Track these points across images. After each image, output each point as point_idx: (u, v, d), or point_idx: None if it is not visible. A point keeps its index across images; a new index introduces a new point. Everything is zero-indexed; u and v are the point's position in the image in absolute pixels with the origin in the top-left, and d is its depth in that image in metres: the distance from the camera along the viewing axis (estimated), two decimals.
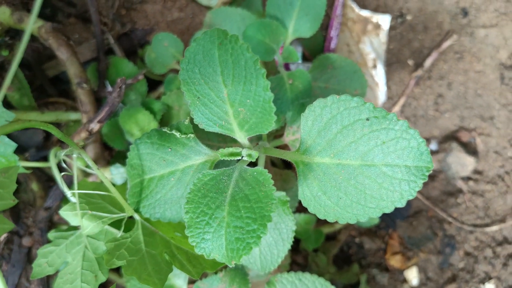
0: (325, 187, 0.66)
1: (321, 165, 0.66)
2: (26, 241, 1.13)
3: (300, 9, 0.99)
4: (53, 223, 1.16)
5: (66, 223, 1.19)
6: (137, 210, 0.76)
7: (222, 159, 0.66)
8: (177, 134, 0.74)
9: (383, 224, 1.34)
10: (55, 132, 0.61)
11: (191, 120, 0.76)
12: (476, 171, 1.33)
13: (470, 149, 1.33)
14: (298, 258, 1.26)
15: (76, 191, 0.73)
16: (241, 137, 0.62)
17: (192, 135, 0.73)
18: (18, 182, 1.18)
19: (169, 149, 0.74)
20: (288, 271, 0.91)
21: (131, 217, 0.81)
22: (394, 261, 1.30)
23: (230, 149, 0.64)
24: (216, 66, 0.56)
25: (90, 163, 0.70)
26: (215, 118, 0.60)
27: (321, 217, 0.68)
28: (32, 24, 1.02)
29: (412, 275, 1.30)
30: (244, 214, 0.57)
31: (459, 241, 1.33)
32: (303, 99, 0.95)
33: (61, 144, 1.20)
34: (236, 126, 0.61)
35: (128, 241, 0.73)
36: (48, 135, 1.21)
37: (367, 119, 0.62)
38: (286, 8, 0.99)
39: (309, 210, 0.69)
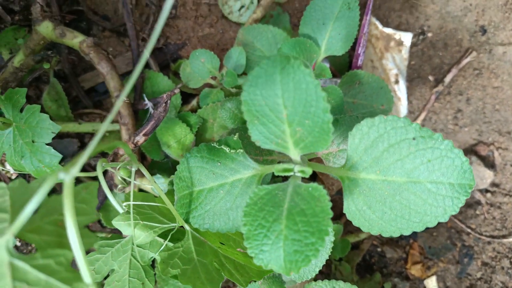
0: (370, 202, 0.70)
1: (367, 181, 0.70)
2: None
3: (333, 29, 1.03)
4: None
5: (99, 230, 1.22)
6: (186, 221, 0.80)
7: (274, 173, 0.71)
8: (226, 149, 0.78)
9: (404, 235, 1.38)
10: (126, 150, 0.65)
11: (238, 129, 0.80)
12: (494, 184, 1.37)
13: (488, 162, 1.37)
14: (323, 267, 1.30)
15: (132, 203, 0.77)
16: (295, 154, 0.66)
17: (241, 150, 0.77)
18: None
19: (219, 163, 0.78)
20: (314, 280, 0.95)
21: (177, 228, 0.85)
22: (415, 270, 1.34)
23: (284, 165, 0.68)
24: (277, 89, 0.60)
25: (147, 174, 0.74)
26: (272, 137, 0.64)
27: (365, 230, 0.72)
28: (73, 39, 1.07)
29: (432, 284, 1.34)
30: (302, 228, 0.61)
31: (477, 252, 1.37)
32: (336, 114, 0.99)
33: (100, 153, 1.24)
34: (292, 144, 0.64)
35: (181, 251, 0.77)
36: (82, 144, 1.25)
37: (414, 139, 0.66)
38: (319, 27, 1.03)
39: (353, 223, 0.73)
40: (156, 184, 0.75)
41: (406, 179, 0.68)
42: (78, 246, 0.44)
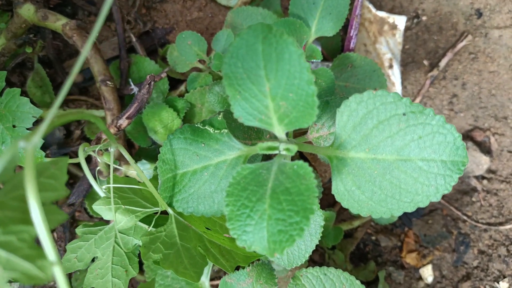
0: (359, 182, 0.67)
1: (356, 160, 0.67)
2: None
3: (323, 9, 1.00)
4: (75, 219, 1.17)
5: (87, 220, 1.20)
6: (170, 205, 0.77)
7: (259, 153, 0.67)
8: (211, 130, 0.75)
9: (399, 222, 1.35)
10: (101, 125, 0.62)
11: (224, 115, 0.78)
12: (490, 170, 1.35)
13: (485, 148, 1.34)
14: (315, 256, 1.27)
15: (111, 185, 0.74)
16: (279, 131, 0.63)
17: (226, 130, 0.74)
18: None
19: (202, 144, 0.75)
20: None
21: (162, 213, 0.82)
22: (410, 259, 1.31)
23: (269, 143, 0.65)
24: (259, 61, 0.57)
25: (127, 156, 0.71)
26: (255, 112, 0.61)
27: (354, 211, 0.69)
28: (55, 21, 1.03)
29: (427, 273, 1.31)
30: (286, 207, 0.58)
31: (473, 240, 1.34)
32: (327, 96, 0.96)
33: (84, 141, 1.21)
34: (276, 120, 0.61)
35: (163, 235, 0.74)
36: (68, 132, 1.22)
37: (404, 114, 0.63)
38: (309, 7, 1.00)
39: (342, 204, 0.70)
40: (136, 165, 0.72)
41: (396, 157, 0.65)
42: (40, 220, 0.41)
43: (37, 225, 0.41)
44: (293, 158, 1.14)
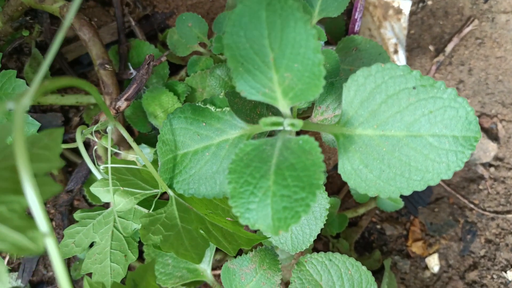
0: (367, 160, 0.65)
1: (363, 137, 0.64)
2: None
3: None
4: (73, 207, 1.14)
5: (86, 207, 1.17)
6: (170, 186, 0.74)
7: (263, 130, 0.65)
8: (212, 108, 0.72)
9: (404, 211, 1.32)
10: (97, 97, 0.59)
11: (226, 94, 0.75)
12: (498, 158, 1.32)
13: (492, 135, 1.31)
14: (319, 245, 1.25)
15: (109, 165, 0.72)
16: (284, 106, 0.60)
17: (228, 109, 0.71)
18: None
19: (204, 124, 0.73)
20: None
21: (162, 195, 0.80)
22: (416, 248, 1.28)
23: (273, 118, 0.62)
24: (263, 29, 0.54)
25: (125, 135, 0.68)
26: (258, 86, 0.59)
27: (361, 191, 0.66)
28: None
29: (434, 262, 1.28)
30: (291, 182, 0.55)
31: (480, 228, 1.31)
32: (331, 78, 0.94)
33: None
34: (280, 94, 0.59)
35: (163, 217, 0.71)
36: (67, 119, 1.20)
37: (414, 88, 0.61)
38: None
39: (349, 184, 0.67)
40: (136, 145, 0.69)
41: (406, 133, 0.62)
42: (31, 189, 0.38)
43: (28, 195, 0.39)
44: None
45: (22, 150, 0.38)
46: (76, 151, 1.17)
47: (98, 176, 0.80)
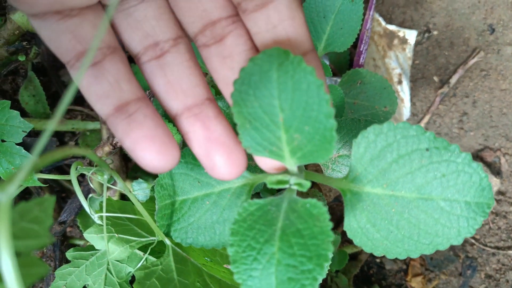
0: (375, 219, 0.62)
1: (372, 195, 0.62)
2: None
3: (334, 23, 0.94)
4: (66, 236, 1.11)
5: (79, 236, 1.14)
6: (167, 234, 0.71)
7: (268, 186, 0.62)
8: None
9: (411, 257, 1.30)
10: (96, 160, 0.56)
11: None
12: (500, 192, 1.30)
13: (495, 169, 1.29)
14: None
15: (104, 214, 0.69)
16: (291, 164, 0.58)
17: None
18: (29, 193, 1.13)
19: (204, 170, 0.70)
20: None
21: (158, 242, 0.77)
22: (415, 283, 1.26)
23: (279, 176, 0.59)
24: (273, 89, 0.52)
25: (123, 187, 0.65)
26: (266, 144, 0.56)
27: (367, 250, 0.64)
28: None
29: None
30: (297, 251, 0.53)
31: (480, 264, 1.29)
32: (336, 116, 0.91)
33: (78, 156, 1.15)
34: (288, 153, 0.56)
35: (159, 269, 0.68)
36: (62, 143, 1.16)
37: (427, 150, 0.58)
38: (319, 21, 0.95)
39: (354, 242, 0.64)
40: (132, 195, 0.67)
41: (417, 195, 0.60)
42: (14, 281, 0.35)
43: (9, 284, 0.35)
44: None
45: (7, 246, 0.35)
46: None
47: (91, 215, 0.77)
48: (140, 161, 0.52)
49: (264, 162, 0.61)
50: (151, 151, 0.52)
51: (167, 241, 0.72)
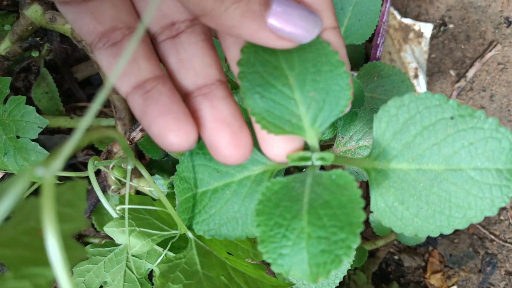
0: (403, 196, 0.60)
1: (398, 172, 0.60)
2: None
3: (352, 15, 0.93)
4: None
5: (93, 234, 1.13)
6: (189, 227, 0.69)
7: (290, 165, 0.60)
8: None
9: (423, 241, 1.27)
10: (123, 143, 0.55)
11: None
12: None
13: None
14: None
15: (126, 206, 0.67)
16: (312, 136, 0.56)
17: None
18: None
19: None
20: None
21: (180, 236, 0.75)
22: (434, 280, 1.23)
23: (300, 153, 0.58)
24: (276, 54, 0.52)
25: (146, 175, 0.64)
26: (283, 117, 0.54)
27: (397, 230, 0.61)
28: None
29: None
30: (328, 222, 0.51)
31: (500, 260, 1.26)
32: (355, 107, 0.90)
33: (92, 151, 1.14)
34: (307, 121, 0.55)
35: (183, 262, 0.66)
36: None
37: (452, 118, 0.56)
38: (337, 13, 0.94)
39: (383, 223, 0.62)
40: (156, 185, 0.65)
41: (445, 166, 0.57)
42: (61, 263, 0.33)
43: (57, 268, 0.33)
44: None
45: (52, 220, 0.33)
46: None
47: (112, 213, 0.75)
48: (156, 139, 0.51)
49: (284, 145, 0.60)
50: (164, 127, 0.51)
51: (189, 234, 0.70)
